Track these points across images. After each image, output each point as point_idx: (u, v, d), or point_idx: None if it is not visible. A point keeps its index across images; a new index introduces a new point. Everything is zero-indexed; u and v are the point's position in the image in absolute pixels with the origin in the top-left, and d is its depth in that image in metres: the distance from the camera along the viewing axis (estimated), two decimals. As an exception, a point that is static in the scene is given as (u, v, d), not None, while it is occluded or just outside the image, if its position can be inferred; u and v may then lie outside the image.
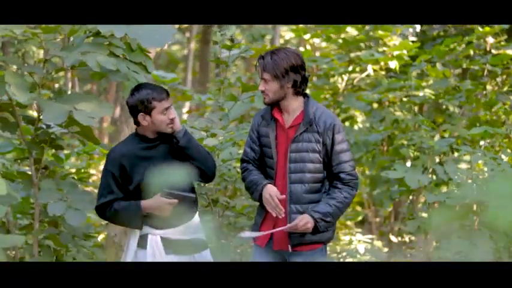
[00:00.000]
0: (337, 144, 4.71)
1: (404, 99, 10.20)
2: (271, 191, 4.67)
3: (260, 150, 4.86)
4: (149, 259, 4.69)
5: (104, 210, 4.73)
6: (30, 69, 5.30)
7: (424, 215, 9.98)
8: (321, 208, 4.67)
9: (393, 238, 11.83)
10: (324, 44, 14.45)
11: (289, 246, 4.74)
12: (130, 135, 4.91)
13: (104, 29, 5.11)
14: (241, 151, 6.08)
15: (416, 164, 8.20)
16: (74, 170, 7.65)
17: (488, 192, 6.01)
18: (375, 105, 11.21)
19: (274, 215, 4.66)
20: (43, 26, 5.12)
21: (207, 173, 4.85)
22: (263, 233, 4.75)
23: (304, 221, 4.62)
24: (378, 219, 13.38)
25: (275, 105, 4.78)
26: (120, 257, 7.20)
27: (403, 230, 12.57)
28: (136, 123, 4.76)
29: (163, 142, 4.79)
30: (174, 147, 4.76)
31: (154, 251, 4.70)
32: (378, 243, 11.68)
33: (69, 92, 5.66)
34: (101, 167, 10.34)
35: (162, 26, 5.22)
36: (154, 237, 4.73)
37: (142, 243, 4.75)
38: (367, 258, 10.24)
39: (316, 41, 14.87)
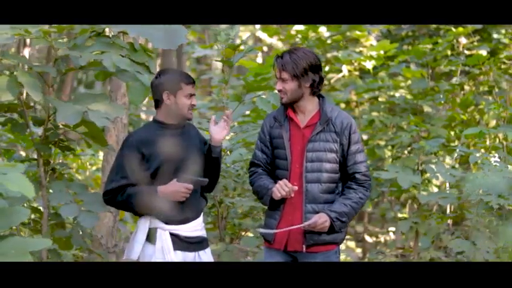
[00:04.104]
0: (353, 144, 4.72)
1: (381, 99, 10.26)
2: (280, 181, 4.63)
3: (272, 153, 4.83)
4: (157, 254, 4.65)
5: (114, 195, 4.66)
6: (42, 69, 5.17)
7: (400, 215, 10.08)
8: (337, 207, 4.65)
9: (368, 238, 11.94)
10: (280, 44, 14.45)
11: (303, 246, 4.70)
12: (149, 121, 4.87)
13: (117, 29, 5.03)
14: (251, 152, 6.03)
15: (397, 164, 8.23)
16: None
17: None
18: (342, 105, 11.26)
19: (290, 195, 4.61)
20: (55, 25, 5.02)
21: (208, 189, 4.94)
22: (279, 230, 4.68)
23: (322, 219, 4.59)
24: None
25: (289, 105, 4.75)
26: (107, 259, 7.12)
27: (373, 231, 12.71)
28: (158, 104, 4.75)
29: (182, 130, 4.78)
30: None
31: (163, 247, 4.65)
32: (351, 243, 11.78)
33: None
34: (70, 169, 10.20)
35: (174, 26, 5.14)
36: (164, 233, 4.67)
37: (151, 237, 4.68)
38: (342, 258, 10.29)
39: (273, 41, 14.86)
